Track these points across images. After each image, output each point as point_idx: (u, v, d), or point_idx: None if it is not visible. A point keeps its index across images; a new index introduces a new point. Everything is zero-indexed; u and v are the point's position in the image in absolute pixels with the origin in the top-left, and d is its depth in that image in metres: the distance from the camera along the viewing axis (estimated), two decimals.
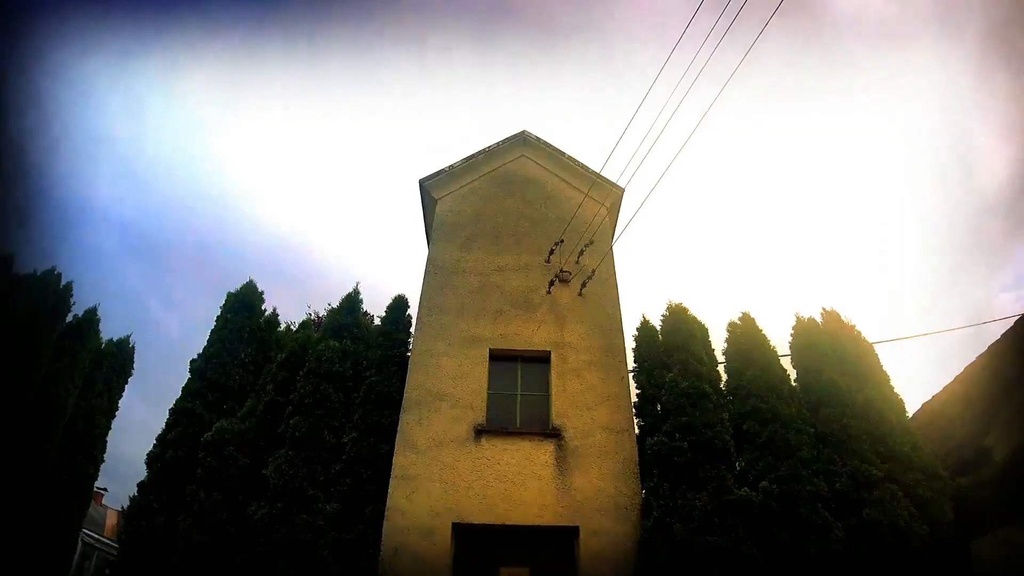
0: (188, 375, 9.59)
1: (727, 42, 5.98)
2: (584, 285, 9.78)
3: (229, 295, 10.56)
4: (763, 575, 6.79)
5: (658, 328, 9.50)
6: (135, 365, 13.84)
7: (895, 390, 8.94)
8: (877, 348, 9.52)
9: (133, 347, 13.82)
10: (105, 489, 24.98)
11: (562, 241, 10.27)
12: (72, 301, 12.25)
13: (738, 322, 9.41)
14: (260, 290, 10.86)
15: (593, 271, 9.82)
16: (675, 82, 6.68)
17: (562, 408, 8.52)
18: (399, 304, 10.15)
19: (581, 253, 9.91)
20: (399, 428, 8.20)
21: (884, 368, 9.20)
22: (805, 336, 9.36)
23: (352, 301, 10.20)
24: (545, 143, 12.16)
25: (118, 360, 13.28)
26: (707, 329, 9.44)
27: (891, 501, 7.30)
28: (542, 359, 9.13)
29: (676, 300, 9.70)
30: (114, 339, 13.50)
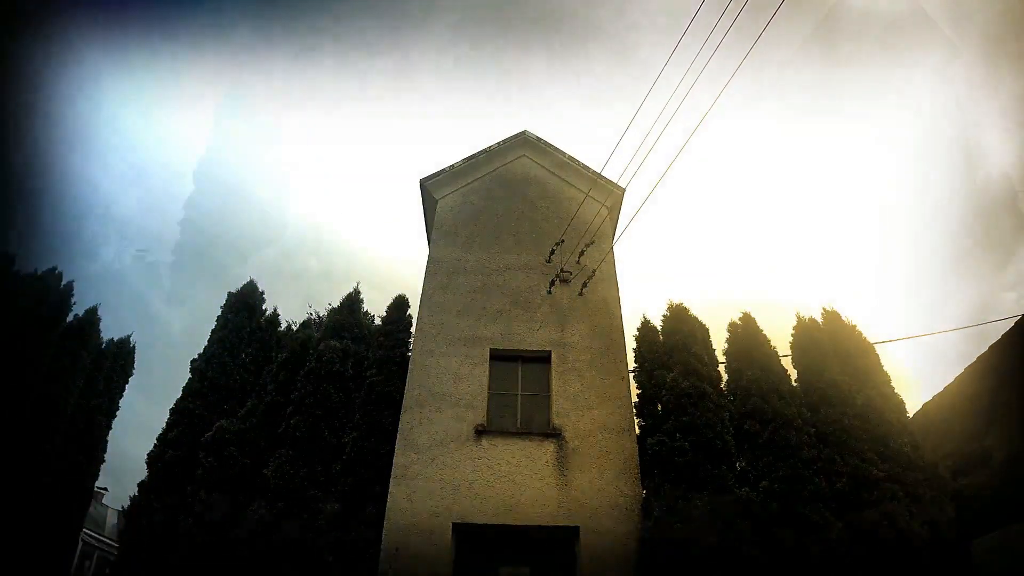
0: (189, 374, 9.61)
1: (730, 41, 5.98)
2: (585, 285, 9.79)
3: (230, 295, 10.58)
4: (764, 575, 6.79)
5: (659, 328, 9.50)
6: (136, 364, 13.86)
7: (895, 390, 8.94)
8: (877, 348, 9.53)
9: (134, 347, 13.84)
10: (105, 489, 24.98)
11: (563, 241, 10.28)
12: (73, 301, 12.26)
13: (739, 322, 9.41)
14: (260, 290, 10.87)
15: (594, 271, 9.83)
16: (677, 81, 6.68)
17: (563, 408, 8.52)
18: (400, 304, 10.15)
19: (582, 253, 9.91)
20: (399, 428, 8.21)
21: (884, 368, 9.21)
22: (806, 336, 9.35)
23: (353, 301, 10.21)
24: (546, 143, 12.16)
25: (119, 360, 13.30)
26: (707, 329, 9.44)
27: (891, 501, 7.30)
28: (543, 359, 9.13)
29: (677, 300, 9.70)
30: (115, 339, 13.51)
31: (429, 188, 11.53)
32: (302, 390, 8.67)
